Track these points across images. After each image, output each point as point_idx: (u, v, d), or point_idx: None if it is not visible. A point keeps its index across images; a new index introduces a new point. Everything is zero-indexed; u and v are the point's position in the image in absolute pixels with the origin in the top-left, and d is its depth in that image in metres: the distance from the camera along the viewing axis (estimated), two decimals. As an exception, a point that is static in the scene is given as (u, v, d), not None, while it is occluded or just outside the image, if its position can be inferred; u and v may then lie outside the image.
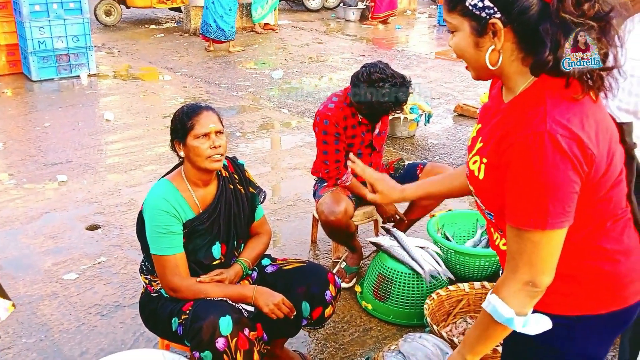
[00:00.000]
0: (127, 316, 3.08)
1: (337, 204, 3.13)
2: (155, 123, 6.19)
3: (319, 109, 3.27)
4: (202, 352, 2.12)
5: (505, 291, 1.37)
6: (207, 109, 2.31)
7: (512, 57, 1.36)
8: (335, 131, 3.19)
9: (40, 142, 5.60)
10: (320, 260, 3.67)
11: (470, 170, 1.51)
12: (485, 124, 1.50)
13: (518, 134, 1.29)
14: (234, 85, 7.74)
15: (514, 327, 1.37)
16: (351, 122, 3.23)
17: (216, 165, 2.29)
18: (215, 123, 2.28)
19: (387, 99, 3.05)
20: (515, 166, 1.30)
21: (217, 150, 2.26)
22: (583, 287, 1.44)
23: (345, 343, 2.91)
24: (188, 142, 2.26)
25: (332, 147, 3.22)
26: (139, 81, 7.91)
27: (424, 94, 6.98)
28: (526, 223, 1.31)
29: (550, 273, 1.35)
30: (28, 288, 3.32)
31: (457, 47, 1.42)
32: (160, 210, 2.25)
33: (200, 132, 2.24)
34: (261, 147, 5.67)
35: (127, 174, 4.91)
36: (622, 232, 1.45)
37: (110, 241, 3.84)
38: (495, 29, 1.32)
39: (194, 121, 2.25)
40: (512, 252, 1.37)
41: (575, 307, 1.45)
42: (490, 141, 1.41)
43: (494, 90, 1.56)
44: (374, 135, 3.32)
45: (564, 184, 1.27)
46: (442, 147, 5.68)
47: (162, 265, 2.27)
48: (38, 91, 7.30)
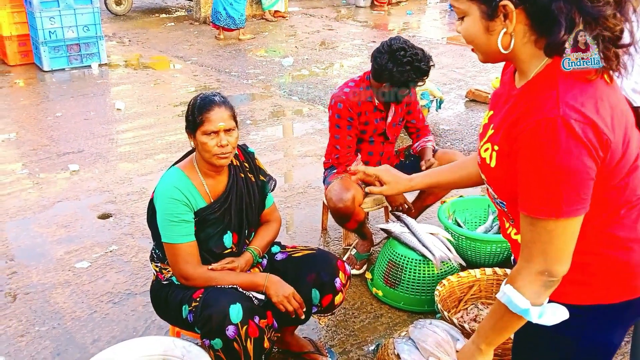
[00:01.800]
0: (139, 304, 3.09)
1: (346, 191, 3.11)
2: (166, 112, 6.19)
3: (335, 92, 3.25)
4: (212, 340, 2.12)
5: (520, 281, 1.34)
6: (220, 105, 2.25)
7: (524, 40, 1.32)
8: (349, 116, 3.16)
9: (52, 132, 5.62)
10: (330, 247, 3.67)
11: (482, 158, 1.47)
12: (497, 111, 1.47)
13: (530, 120, 1.26)
14: (244, 73, 7.72)
15: (530, 318, 1.34)
16: (365, 107, 3.20)
17: (222, 162, 2.27)
18: (226, 121, 2.23)
19: (408, 67, 3.01)
20: (528, 153, 1.26)
21: (224, 149, 2.23)
22: (596, 276, 1.41)
23: (355, 329, 2.91)
24: (197, 136, 2.24)
25: (344, 132, 3.19)
26: (149, 70, 7.92)
27: (435, 79, 6.92)
28: (540, 212, 1.27)
29: (566, 262, 1.31)
30: (41, 276, 3.35)
31: (467, 32, 1.38)
32: (171, 199, 2.25)
33: (208, 129, 2.21)
34: (272, 135, 5.66)
35: (138, 163, 4.92)
36: (637, 220, 1.41)
37: (122, 229, 3.86)
38: (507, 11, 1.28)
39: (204, 117, 2.21)
40: (526, 241, 1.34)
41: (587, 296, 1.42)
42: (502, 128, 1.37)
43: (506, 76, 1.51)
44: (387, 124, 3.29)
45: (579, 171, 1.23)
46: (453, 132, 5.63)
47: (173, 254, 2.27)
48: (49, 81, 7.33)
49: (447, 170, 1.91)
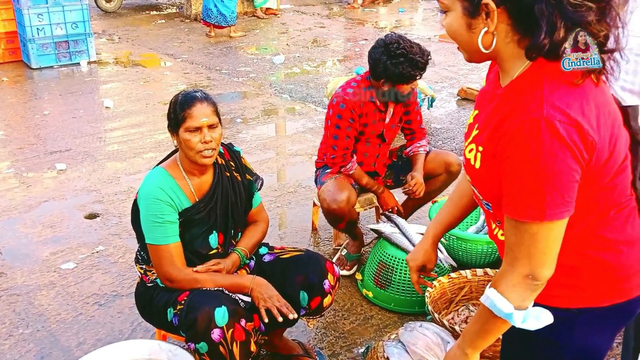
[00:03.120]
0: (125, 306, 3.04)
1: (340, 192, 3.07)
2: (155, 110, 6.13)
3: (338, 92, 3.18)
4: (197, 344, 2.08)
5: (504, 285, 1.32)
6: (202, 100, 2.21)
7: (506, 40, 1.29)
8: (350, 117, 3.11)
9: (39, 130, 5.55)
10: (320, 248, 3.63)
11: (467, 159, 1.45)
12: (482, 110, 1.44)
13: (513, 121, 1.23)
14: (235, 71, 7.66)
15: (514, 322, 1.32)
16: (367, 109, 3.15)
17: (207, 160, 2.22)
18: (208, 116, 2.20)
19: (402, 59, 2.97)
20: (511, 155, 1.23)
21: (208, 145, 2.19)
22: (584, 278, 1.38)
23: (345, 332, 2.87)
24: (180, 133, 2.20)
25: (343, 132, 3.14)
26: (139, 68, 7.85)
27: (427, 77, 6.88)
28: (524, 214, 1.25)
29: (550, 265, 1.29)
30: (26, 278, 3.29)
31: (449, 28, 1.36)
32: (155, 199, 2.20)
33: (191, 125, 2.17)
34: (262, 134, 5.61)
35: (126, 162, 4.86)
36: (626, 222, 1.38)
37: (109, 230, 3.81)
38: (489, 10, 1.25)
39: (186, 114, 2.17)
40: (510, 244, 1.31)
41: (576, 299, 1.39)
42: (486, 128, 1.35)
43: (492, 74, 1.48)
44: (385, 126, 3.24)
45: (563, 173, 1.20)
46: (445, 131, 5.60)
47: (157, 255, 2.23)
48: (37, 79, 7.25)
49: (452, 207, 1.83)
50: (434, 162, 3.37)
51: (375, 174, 3.39)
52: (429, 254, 1.89)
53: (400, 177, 3.44)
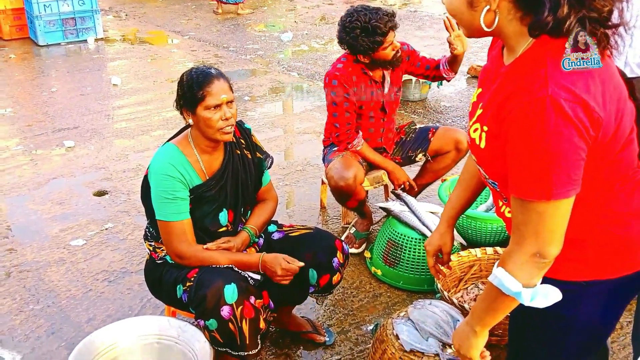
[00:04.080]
0: (135, 282, 3.05)
1: (347, 169, 3.05)
2: (163, 87, 6.11)
3: (328, 70, 3.18)
4: (207, 320, 2.08)
5: (512, 264, 1.31)
6: (219, 77, 2.19)
7: (509, 17, 1.27)
8: (345, 91, 3.09)
9: (47, 108, 5.55)
10: (329, 226, 3.62)
11: (472, 139, 1.43)
12: (486, 89, 1.42)
13: (518, 100, 1.21)
14: (242, 49, 7.61)
15: (522, 300, 1.32)
16: (360, 81, 3.12)
17: (227, 137, 2.21)
18: (227, 93, 2.18)
19: (357, 31, 2.96)
20: (517, 135, 1.22)
21: (229, 122, 2.18)
22: (592, 251, 1.38)
23: (354, 309, 2.88)
24: (198, 112, 2.17)
25: (341, 108, 3.12)
26: (146, 45, 7.80)
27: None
28: (530, 194, 1.24)
29: (558, 243, 1.28)
30: (35, 254, 3.30)
31: (450, 6, 1.33)
32: (166, 176, 2.19)
33: (211, 103, 2.15)
34: (270, 111, 5.58)
35: (134, 139, 4.85)
36: (633, 194, 1.38)
37: (118, 207, 3.81)
38: None
39: (205, 92, 2.14)
40: (517, 223, 1.30)
41: (584, 272, 1.39)
42: (490, 108, 1.33)
43: (494, 51, 1.46)
44: (385, 96, 3.21)
45: (569, 152, 1.19)
46: (454, 110, 5.55)
47: (167, 232, 2.22)
48: (45, 56, 7.22)
49: (462, 189, 1.83)
50: (443, 139, 3.34)
51: (383, 150, 3.36)
52: (445, 237, 1.90)
53: (410, 153, 3.41)
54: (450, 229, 1.89)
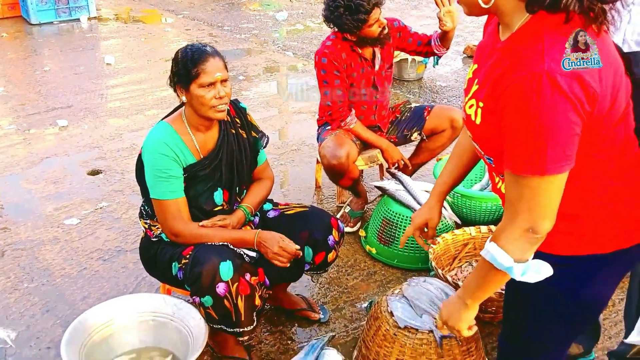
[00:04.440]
0: (129, 261, 3.05)
1: (340, 148, 3.04)
2: (157, 67, 6.06)
3: (318, 49, 3.16)
4: (202, 297, 2.08)
5: (505, 239, 1.32)
6: (214, 55, 2.16)
7: None
8: (335, 69, 3.07)
9: (40, 87, 5.50)
10: (324, 205, 3.62)
11: (467, 115, 1.43)
12: (482, 65, 1.41)
13: (514, 76, 1.21)
14: (237, 28, 7.54)
15: (513, 275, 1.32)
16: (350, 58, 3.10)
17: (220, 115, 2.20)
18: (222, 71, 2.16)
19: (341, 9, 2.94)
20: (512, 110, 1.22)
21: (222, 100, 2.16)
22: (587, 226, 1.39)
23: (349, 287, 2.89)
24: (192, 89, 2.15)
25: (332, 87, 3.10)
26: (140, 24, 7.73)
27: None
28: (524, 169, 1.24)
29: (550, 219, 1.28)
30: (30, 233, 3.30)
31: None
32: (160, 154, 2.18)
33: (205, 81, 2.13)
34: (265, 91, 5.55)
35: (128, 119, 4.83)
36: (628, 169, 1.38)
37: (112, 186, 3.80)
38: None
39: (200, 69, 2.12)
40: (510, 199, 1.31)
41: (579, 246, 1.40)
42: (486, 84, 1.32)
43: (490, 27, 1.46)
44: (375, 73, 3.19)
45: (564, 127, 1.19)
46: (450, 89, 5.54)
47: (162, 210, 2.21)
48: (37, 35, 7.15)
49: (454, 164, 1.84)
50: (439, 118, 3.33)
51: (377, 129, 3.35)
52: (433, 211, 1.92)
53: (405, 132, 3.40)
54: (439, 204, 1.91)
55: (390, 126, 3.44)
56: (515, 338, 1.63)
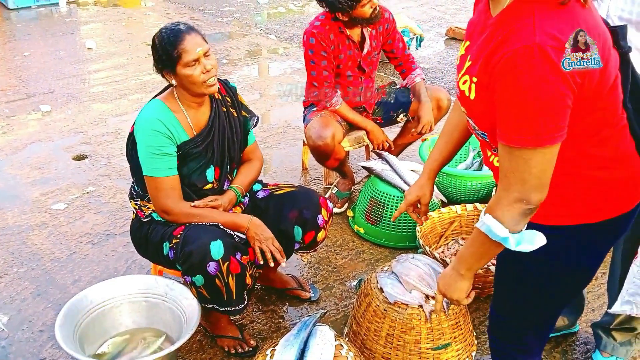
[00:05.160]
0: (119, 244, 3.06)
1: (325, 128, 3.06)
2: (138, 51, 6.01)
3: (306, 28, 3.16)
4: (193, 277, 2.11)
5: (499, 210, 1.35)
6: (189, 32, 2.16)
7: None
8: (322, 49, 3.08)
9: (20, 72, 5.43)
10: (311, 187, 3.65)
11: (461, 91, 1.45)
12: (473, 41, 1.43)
13: (506, 49, 1.23)
14: (218, 11, 7.49)
15: (508, 245, 1.36)
16: (338, 40, 3.11)
17: (212, 89, 2.21)
18: (201, 45, 2.16)
19: None
20: (505, 82, 1.24)
21: (210, 73, 2.17)
22: (578, 196, 1.42)
23: (338, 266, 2.93)
24: (178, 71, 2.15)
25: (319, 67, 3.11)
26: (120, 8, 7.64)
27: (415, 17, 6.79)
28: (517, 141, 1.27)
29: (543, 189, 1.31)
30: (17, 218, 3.28)
31: None
32: (153, 131, 2.17)
33: (189, 59, 2.12)
34: (249, 74, 5.54)
35: (112, 103, 4.79)
36: (617, 140, 1.41)
37: (98, 171, 3.78)
38: None
39: (180, 50, 2.12)
40: (504, 170, 1.34)
41: (570, 216, 1.44)
42: (479, 59, 1.34)
43: (481, 4, 1.48)
44: (362, 56, 3.21)
45: (556, 99, 1.22)
46: (433, 71, 5.57)
47: (155, 187, 2.22)
48: (15, 20, 7.04)
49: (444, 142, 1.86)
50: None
51: (363, 110, 3.38)
52: (424, 188, 1.95)
53: (391, 113, 3.43)
54: (431, 181, 1.94)
55: (376, 107, 3.46)
56: (506, 308, 1.67)
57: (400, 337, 2.17)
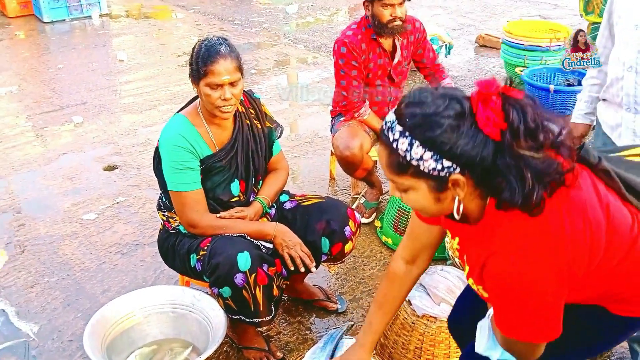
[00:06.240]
0: (147, 254, 3.08)
1: (353, 139, 3.04)
2: (169, 62, 6.08)
3: (338, 37, 3.15)
4: (221, 288, 2.10)
5: None
6: (225, 56, 2.13)
7: (471, 197, 1.29)
8: (353, 59, 3.06)
9: (54, 84, 5.54)
10: (339, 197, 3.63)
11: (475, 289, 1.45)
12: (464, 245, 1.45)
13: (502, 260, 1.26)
14: (248, 22, 7.55)
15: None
16: (369, 48, 3.09)
17: (225, 116, 2.20)
18: (231, 74, 2.13)
19: None
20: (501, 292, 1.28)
21: (228, 102, 2.15)
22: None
23: (365, 277, 2.90)
24: (200, 86, 2.16)
25: (349, 77, 3.09)
26: (151, 20, 7.75)
27: (444, 24, 6.75)
28: (514, 335, 1.32)
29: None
30: (49, 228, 3.34)
31: (416, 204, 1.34)
32: (176, 147, 2.19)
33: (212, 82, 2.12)
34: (277, 84, 5.56)
35: (142, 114, 4.85)
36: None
37: (128, 181, 3.83)
38: (458, 182, 1.24)
39: (208, 70, 2.11)
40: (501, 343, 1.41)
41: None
42: (476, 269, 1.36)
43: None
44: (393, 66, 3.18)
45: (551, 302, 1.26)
46: (463, 79, 5.51)
47: (180, 202, 2.23)
48: (50, 33, 7.20)
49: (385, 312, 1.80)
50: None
51: (391, 120, 3.34)
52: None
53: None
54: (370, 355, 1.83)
55: (404, 117, 3.43)
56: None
57: (428, 350, 2.14)
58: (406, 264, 1.72)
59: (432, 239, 1.66)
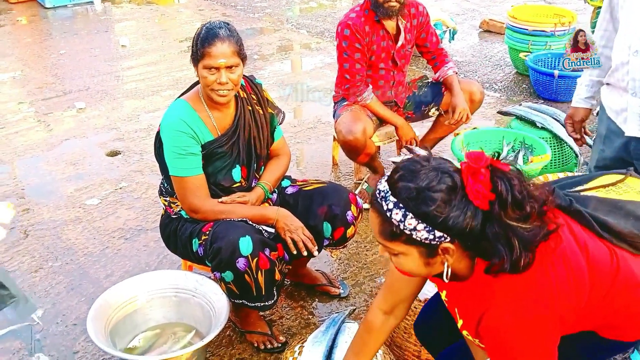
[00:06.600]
0: (150, 239, 3.09)
1: (356, 123, 3.03)
2: (171, 48, 6.05)
3: (341, 20, 3.12)
4: (223, 273, 2.11)
5: None
6: (224, 39, 2.12)
7: (460, 259, 1.33)
8: (356, 41, 3.03)
9: (56, 70, 5.53)
10: (341, 182, 3.62)
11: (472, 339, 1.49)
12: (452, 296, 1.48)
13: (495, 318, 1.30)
14: (250, 7, 7.51)
15: None
16: (373, 31, 3.06)
17: (222, 99, 2.19)
18: (227, 57, 2.11)
19: None
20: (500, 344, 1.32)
21: (224, 86, 2.14)
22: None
23: (368, 262, 2.90)
24: (198, 67, 2.15)
25: (352, 60, 3.07)
26: (153, 5, 7.72)
27: (449, 9, 6.70)
28: None
29: None
30: (52, 213, 3.35)
31: (405, 267, 1.37)
32: (177, 131, 2.18)
33: (209, 64, 2.11)
34: (280, 70, 5.54)
35: (145, 100, 4.85)
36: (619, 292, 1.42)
37: (131, 167, 3.83)
38: (448, 250, 1.28)
39: (205, 52, 2.10)
40: None
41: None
42: (472, 324, 1.39)
43: None
44: (396, 49, 3.16)
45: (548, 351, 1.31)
46: (467, 64, 5.48)
47: (182, 187, 2.23)
48: (52, 18, 7.17)
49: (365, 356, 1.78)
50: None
51: (394, 104, 3.33)
52: None
53: (423, 107, 3.38)
54: None
55: (407, 101, 3.42)
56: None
57: (430, 335, 2.14)
58: (384, 315, 1.72)
59: (411, 290, 1.68)
